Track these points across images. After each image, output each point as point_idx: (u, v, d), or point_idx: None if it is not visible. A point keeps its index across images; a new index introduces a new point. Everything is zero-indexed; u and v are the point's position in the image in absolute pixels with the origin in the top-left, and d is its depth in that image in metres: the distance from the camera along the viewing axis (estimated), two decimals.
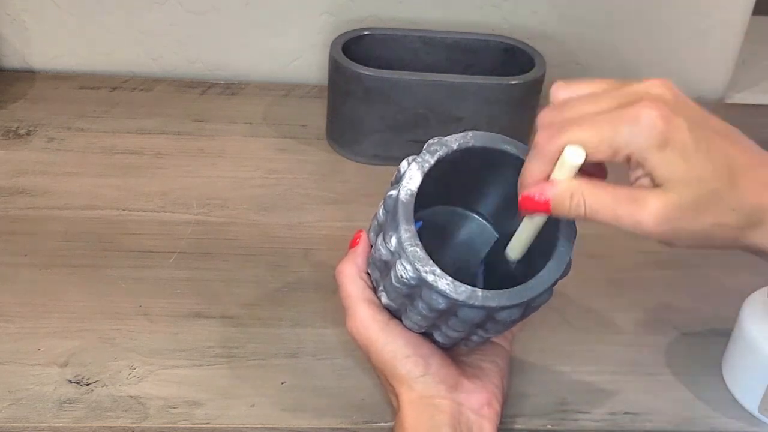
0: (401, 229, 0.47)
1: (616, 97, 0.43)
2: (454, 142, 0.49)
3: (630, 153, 0.42)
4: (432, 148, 0.49)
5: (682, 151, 0.41)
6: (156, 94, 0.89)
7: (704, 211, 0.42)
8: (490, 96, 0.78)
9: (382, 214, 0.50)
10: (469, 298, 0.46)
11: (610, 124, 0.42)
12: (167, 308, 0.63)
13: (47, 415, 0.54)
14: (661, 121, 0.41)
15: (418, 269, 0.46)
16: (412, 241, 0.46)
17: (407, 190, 0.47)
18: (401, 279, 0.47)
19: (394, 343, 0.51)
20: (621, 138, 0.42)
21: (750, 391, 0.58)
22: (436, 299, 0.46)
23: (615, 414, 0.58)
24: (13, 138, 0.80)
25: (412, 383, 0.51)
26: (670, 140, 0.41)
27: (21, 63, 0.92)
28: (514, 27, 0.92)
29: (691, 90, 0.99)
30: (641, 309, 0.67)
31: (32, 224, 0.70)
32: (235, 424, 0.55)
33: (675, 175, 0.42)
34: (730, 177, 0.42)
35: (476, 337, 0.52)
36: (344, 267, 0.54)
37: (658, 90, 0.43)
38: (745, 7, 0.93)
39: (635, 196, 0.42)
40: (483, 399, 0.52)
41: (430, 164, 0.48)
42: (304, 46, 0.93)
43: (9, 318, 0.61)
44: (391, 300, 0.51)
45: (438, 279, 0.46)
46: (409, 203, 0.47)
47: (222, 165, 0.79)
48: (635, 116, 0.41)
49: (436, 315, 0.48)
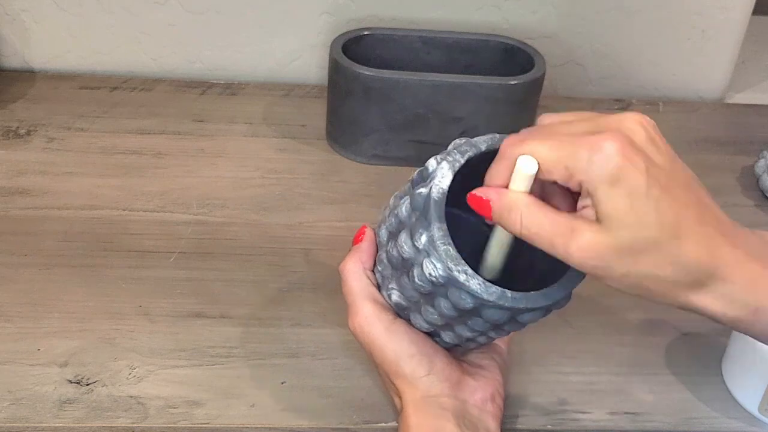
0: (434, 227, 0.46)
1: (590, 125, 0.42)
2: (483, 143, 0.48)
3: (582, 180, 0.41)
4: (462, 148, 0.48)
5: (631, 192, 0.40)
6: (156, 94, 0.89)
7: (638, 257, 0.41)
8: (490, 96, 0.78)
9: (405, 212, 0.49)
10: (499, 299, 0.46)
11: (571, 145, 0.41)
12: (167, 308, 0.63)
13: (47, 415, 0.54)
14: (619, 157, 0.40)
15: (450, 268, 0.46)
16: (444, 240, 0.46)
17: (439, 188, 0.47)
18: (429, 277, 0.47)
19: (399, 342, 0.51)
20: (577, 162, 0.41)
21: (750, 391, 0.58)
22: (464, 299, 0.46)
23: (615, 414, 0.58)
24: (13, 138, 0.80)
25: (416, 382, 0.51)
26: (622, 178, 0.40)
27: (21, 63, 0.92)
28: (514, 27, 0.92)
29: (691, 90, 1.00)
30: (641, 309, 0.67)
31: (32, 224, 0.70)
32: (235, 424, 0.55)
33: (616, 215, 0.40)
34: (675, 230, 0.41)
35: (484, 339, 0.52)
36: (348, 263, 0.53)
37: (632, 125, 0.42)
38: (745, 7, 0.93)
39: (573, 226, 0.42)
40: (486, 395, 0.52)
41: (460, 163, 0.48)
42: (304, 46, 0.93)
43: (9, 318, 0.61)
44: (404, 298, 0.51)
45: (470, 279, 0.46)
46: (441, 201, 0.47)
47: (222, 165, 0.79)
48: (597, 145, 0.40)
49: (457, 315, 0.48)
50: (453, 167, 0.47)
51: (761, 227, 0.78)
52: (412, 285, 0.48)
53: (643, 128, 0.42)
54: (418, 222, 0.48)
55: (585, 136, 0.41)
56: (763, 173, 0.81)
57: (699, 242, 0.41)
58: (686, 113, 0.94)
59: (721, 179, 0.83)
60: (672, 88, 0.97)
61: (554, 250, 0.42)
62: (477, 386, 0.52)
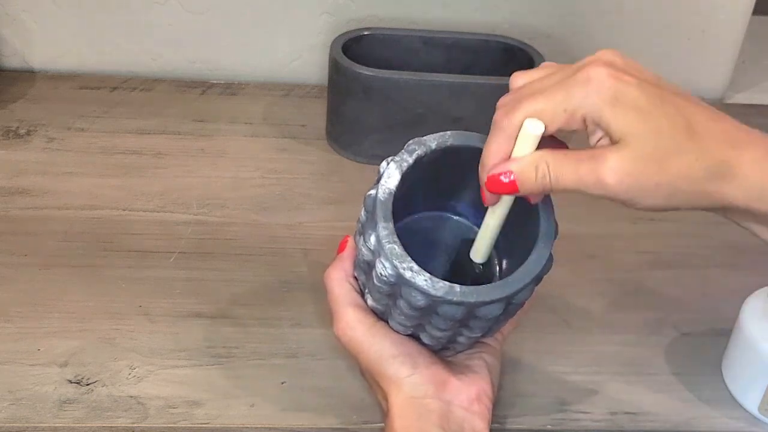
0: (379, 226, 0.47)
1: (568, 70, 0.44)
2: (433, 141, 0.49)
3: (584, 114, 0.42)
4: (410, 147, 0.49)
5: (634, 105, 0.42)
6: (156, 94, 0.89)
7: (666, 162, 0.42)
8: (490, 96, 0.76)
9: (363, 216, 0.50)
10: (447, 294, 0.46)
11: (562, 89, 0.42)
12: (167, 308, 0.63)
13: (47, 415, 0.54)
14: (610, 79, 0.42)
15: (396, 266, 0.46)
16: (390, 238, 0.47)
17: (385, 188, 0.48)
18: (381, 278, 0.47)
19: (381, 344, 0.51)
20: (574, 100, 0.42)
21: (750, 391, 0.58)
22: (415, 296, 0.46)
23: (615, 414, 0.58)
24: (13, 138, 0.80)
25: (401, 383, 0.50)
26: (620, 95, 0.42)
27: (21, 63, 0.92)
28: (514, 27, 0.92)
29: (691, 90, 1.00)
30: (641, 309, 0.67)
31: (32, 224, 0.70)
32: (235, 424, 0.55)
33: (631, 129, 0.42)
34: (688, 130, 0.42)
35: (463, 338, 0.51)
36: (332, 271, 0.54)
37: (607, 56, 0.43)
38: (745, 7, 0.93)
39: (595, 155, 0.42)
40: (472, 395, 0.51)
41: (408, 163, 0.48)
42: (304, 46, 0.93)
43: (9, 318, 0.61)
44: (376, 302, 0.51)
45: (415, 275, 0.46)
46: (387, 201, 0.48)
47: (222, 165, 0.79)
48: (585, 78, 0.42)
49: (418, 314, 0.48)
50: (400, 167, 0.48)
51: None
52: (376, 288, 0.49)
53: (618, 56, 0.44)
54: (368, 223, 0.48)
55: (568, 78, 0.43)
56: None
57: (716, 136, 0.43)
58: None
59: None
60: None
61: (584, 184, 0.42)
62: (462, 387, 0.51)
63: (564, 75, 0.43)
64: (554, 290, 0.67)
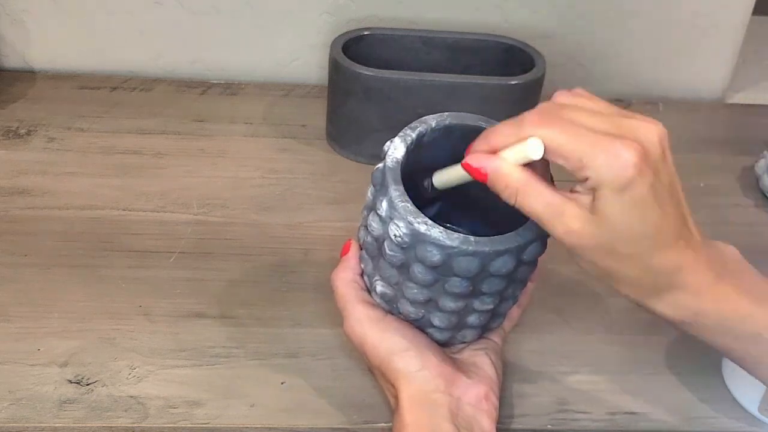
0: (390, 189, 0.49)
1: (610, 125, 0.43)
2: (432, 120, 0.53)
3: (590, 177, 0.43)
4: (413, 125, 0.52)
5: (633, 203, 0.43)
6: (156, 94, 0.89)
7: (612, 256, 0.44)
8: (490, 96, 0.78)
9: (370, 195, 0.52)
10: (463, 243, 0.47)
11: (590, 143, 0.42)
12: (167, 308, 0.63)
13: (47, 415, 0.54)
14: (633, 169, 0.42)
15: (411, 222, 0.47)
16: (402, 198, 0.48)
17: (392, 158, 0.50)
18: (396, 240, 0.48)
19: (390, 338, 0.52)
20: (593, 161, 0.42)
21: (750, 391, 0.58)
22: (431, 252, 0.47)
23: (615, 414, 0.58)
24: (13, 138, 0.80)
25: (411, 378, 0.51)
26: (629, 189, 0.42)
27: (21, 63, 0.92)
28: (514, 27, 0.92)
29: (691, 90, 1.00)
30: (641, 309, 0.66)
31: (32, 224, 0.70)
32: (235, 424, 0.55)
33: (611, 218, 0.43)
34: (655, 242, 0.44)
35: (473, 317, 0.52)
36: (338, 272, 0.56)
37: (651, 137, 0.43)
38: (745, 7, 0.93)
39: (564, 210, 0.44)
40: (480, 393, 0.52)
41: (412, 138, 0.51)
42: (304, 46, 0.93)
43: (9, 318, 0.61)
44: (387, 285, 0.51)
45: (431, 228, 0.47)
46: (395, 168, 0.50)
47: (222, 165, 0.79)
48: (615, 152, 0.42)
49: (432, 278, 0.49)
50: (405, 141, 0.51)
51: (761, 227, 0.78)
52: (388, 262, 0.50)
53: (660, 144, 0.44)
54: (379, 193, 0.50)
55: (605, 137, 0.42)
56: (764, 173, 0.81)
57: (670, 255, 0.44)
58: (686, 113, 0.94)
59: (721, 179, 0.83)
60: (672, 88, 0.97)
61: (542, 225, 0.45)
62: (471, 384, 0.52)
63: (605, 125, 0.43)
64: (554, 290, 0.67)
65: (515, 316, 0.58)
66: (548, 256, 0.51)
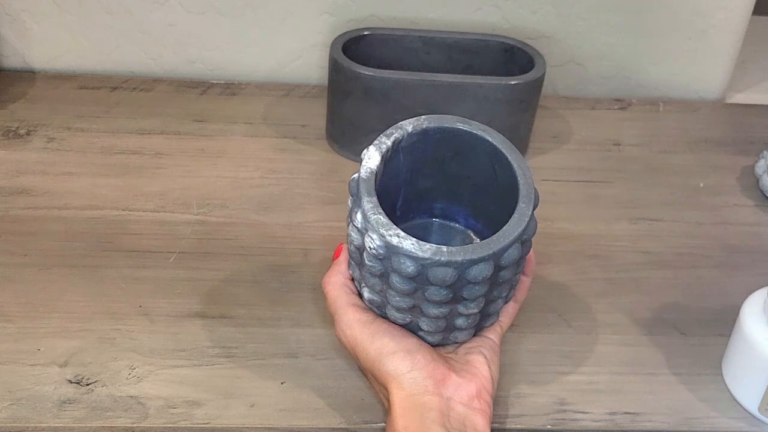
0: (363, 201, 0.49)
1: None
2: (409, 125, 0.52)
3: None
4: (388, 132, 0.52)
5: None
6: (156, 94, 0.89)
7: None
8: (490, 96, 0.78)
9: (349, 203, 0.52)
10: (435, 254, 0.47)
11: None
12: (167, 308, 0.63)
13: (47, 415, 0.54)
14: None
15: (383, 234, 0.47)
16: (374, 210, 0.48)
17: (366, 168, 0.50)
18: (371, 252, 0.48)
19: (380, 341, 0.52)
20: None
21: (750, 391, 0.58)
22: (405, 263, 0.47)
23: (615, 414, 0.58)
24: (13, 138, 0.80)
25: (401, 380, 0.51)
26: None
27: (21, 63, 0.92)
28: (514, 27, 0.92)
29: (691, 90, 1.00)
30: (641, 309, 0.67)
31: (32, 224, 0.70)
32: (235, 424, 0.55)
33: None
34: None
35: (461, 320, 0.52)
36: (329, 277, 0.56)
37: None
38: (745, 7, 0.93)
39: None
40: (472, 391, 0.51)
41: (387, 146, 0.51)
42: (304, 46, 0.93)
43: (9, 318, 0.61)
44: (371, 289, 0.51)
45: (402, 240, 0.47)
46: (369, 179, 0.50)
47: (222, 165, 0.79)
48: None
49: (410, 287, 0.49)
50: (380, 149, 0.51)
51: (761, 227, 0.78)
52: (369, 271, 0.50)
53: None
54: (354, 204, 0.50)
55: None
56: (763, 173, 0.81)
57: None
58: (686, 113, 0.94)
59: (721, 179, 0.83)
60: (672, 88, 0.97)
61: None
62: (462, 383, 0.52)
63: None
64: (554, 290, 0.67)
65: (512, 312, 0.58)
66: (548, 256, 0.51)
